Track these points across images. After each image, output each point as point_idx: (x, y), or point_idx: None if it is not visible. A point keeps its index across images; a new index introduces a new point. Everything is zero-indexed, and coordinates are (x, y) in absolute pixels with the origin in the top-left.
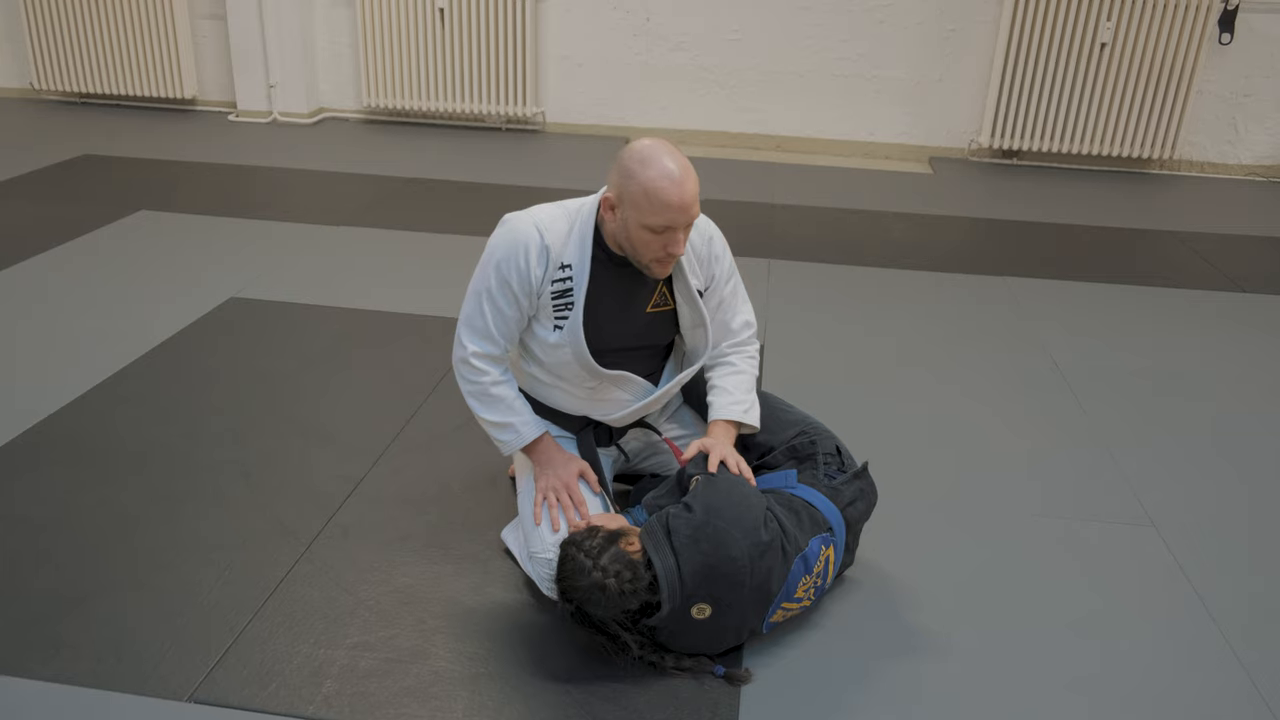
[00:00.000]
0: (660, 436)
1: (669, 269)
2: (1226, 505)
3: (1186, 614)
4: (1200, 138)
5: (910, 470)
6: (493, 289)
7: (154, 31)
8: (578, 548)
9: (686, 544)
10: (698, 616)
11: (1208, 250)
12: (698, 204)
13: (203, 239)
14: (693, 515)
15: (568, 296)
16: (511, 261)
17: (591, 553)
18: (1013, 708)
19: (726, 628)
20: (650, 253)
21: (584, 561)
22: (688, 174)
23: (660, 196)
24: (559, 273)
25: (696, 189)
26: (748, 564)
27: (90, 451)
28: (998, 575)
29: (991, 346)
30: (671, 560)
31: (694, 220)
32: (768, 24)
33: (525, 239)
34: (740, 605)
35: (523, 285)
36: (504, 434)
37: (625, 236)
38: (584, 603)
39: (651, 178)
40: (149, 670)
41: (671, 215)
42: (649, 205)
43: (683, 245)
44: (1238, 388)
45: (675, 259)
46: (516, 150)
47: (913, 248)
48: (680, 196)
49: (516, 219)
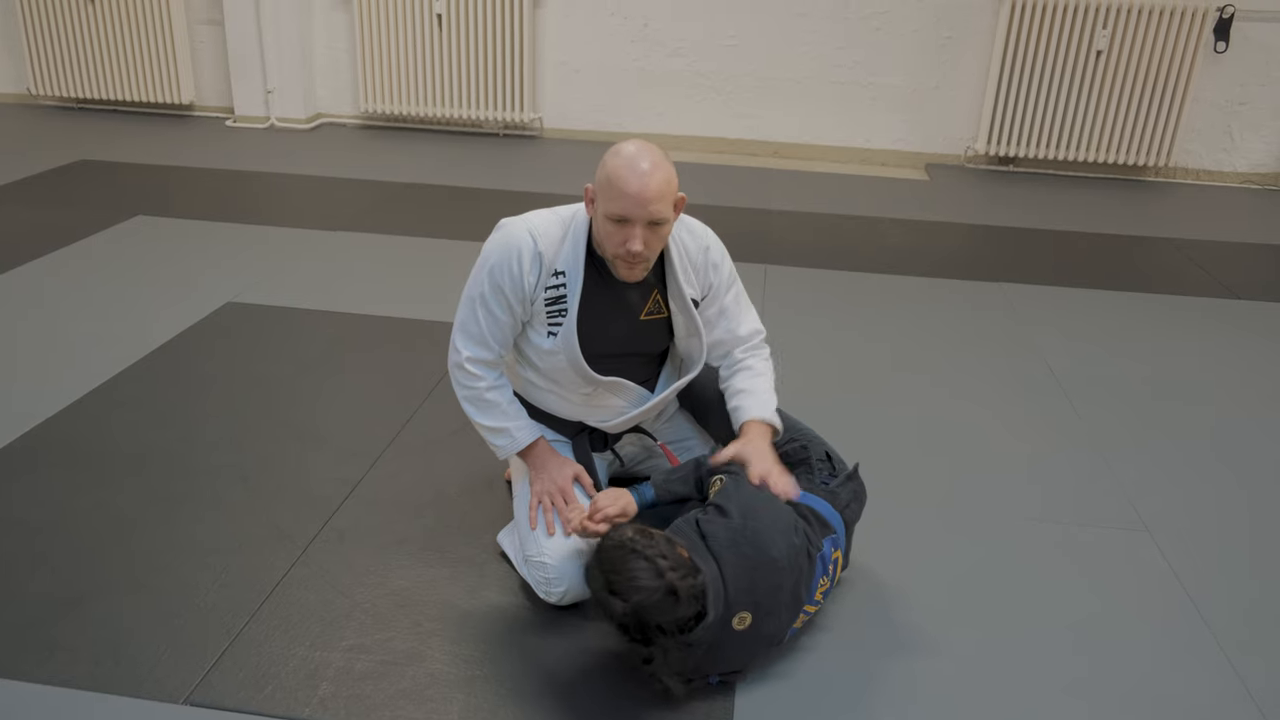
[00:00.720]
0: (656, 442)
1: (636, 271)
2: (1221, 511)
3: (1180, 619)
4: (1196, 145)
5: (906, 474)
6: (486, 295)
7: (151, 37)
8: (638, 546)
9: (727, 548)
10: (738, 627)
11: (1203, 257)
12: (663, 206)
13: (200, 244)
14: (729, 519)
15: (561, 304)
16: (504, 267)
17: (656, 552)
18: (1007, 711)
19: (762, 637)
20: (612, 246)
21: (653, 564)
22: (656, 171)
23: (619, 184)
24: (552, 279)
25: (663, 189)
26: (787, 565)
27: (87, 455)
28: (993, 579)
29: (987, 352)
30: (714, 566)
31: (657, 221)
32: (765, 30)
33: (518, 245)
34: (778, 611)
35: (515, 291)
36: (499, 439)
37: (597, 229)
38: (645, 608)
39: (616, 165)
40: (145, 673)
41: (627, 205)
42: (609, 192)
43: (640, 244)
44: (1232, 394)
45: (639, 261)
46: (514, 156)
47: (909, 254)
48: (639, 188)
49: (511, 224)
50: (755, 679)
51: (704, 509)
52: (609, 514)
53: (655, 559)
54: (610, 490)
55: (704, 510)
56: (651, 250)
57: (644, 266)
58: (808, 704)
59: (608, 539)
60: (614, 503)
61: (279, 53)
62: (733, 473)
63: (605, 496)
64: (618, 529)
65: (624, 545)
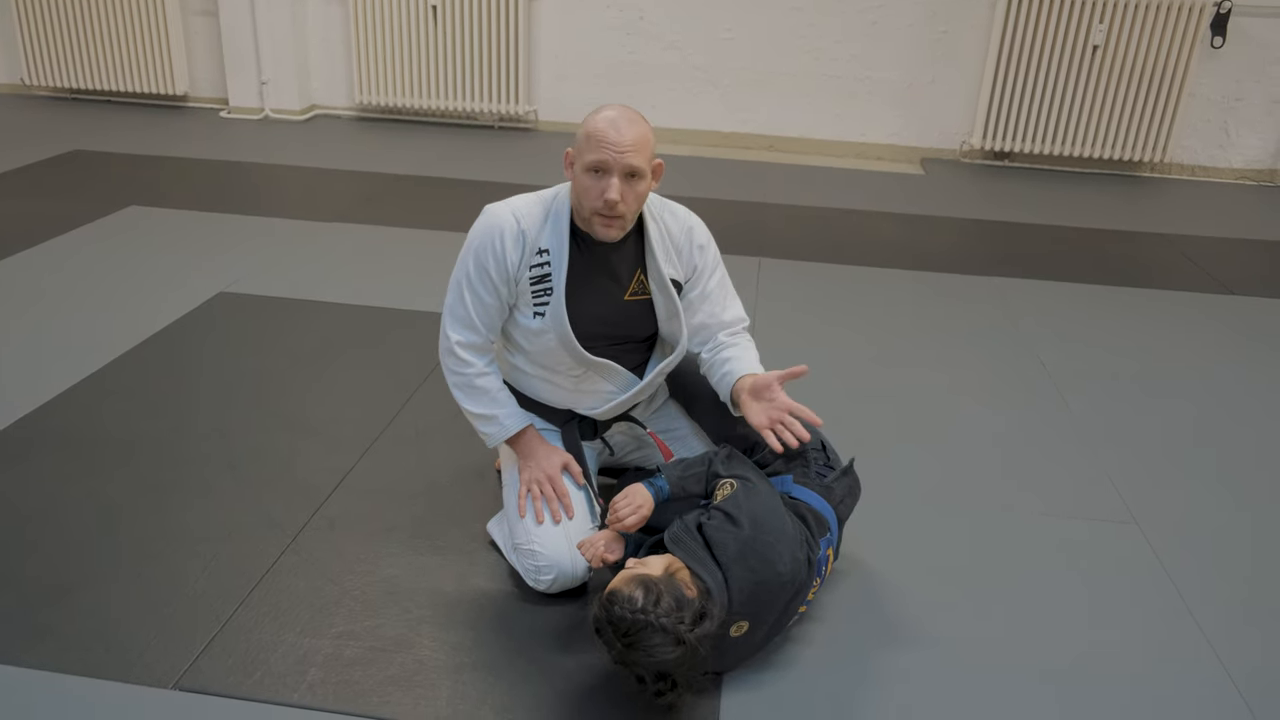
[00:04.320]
0: (645, 430)
1: (613, 229)
2: (1211, 505)
3: (1167, 610)
4: (1191, 141)
5: (895, 467)
6: (472, 277)
7: (146, 27)
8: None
9: (735, 560)
10: (735, 635)
11: (1197, 253)
12: (638, 157)
13: (193, 234)
14: (739, 529)
15: (546, 282)
16: (488, 248)
17: (671, 617)
18: (995, 702)
19: (755, 643)
20: (589, 200)
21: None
22: (633, 125)
23: (596, 135)
24: (536, 258)
25: (639, 141)
26: (790, 580)
27: (78, 444)
28: (982, 571)
29: (981, 346)
30: (720, 576)
31: (634, 173)
32: (760, 24)
33: (501, 225)
34: (772, 619)
35: (500, 272)
36: (488, 426)
37: (576, 190)
38: (671, 666)
39: (594, 119)
40: (134, 658)
41: (605, 152)
42: (587, 144)
43: (616, 194)
44: (1224, 389)
45: (616, 216)
46: (508, 148)
47: (904, 248)
48: (616, 137)
49: (494, 208)
50: (742, 668)
51: (708, 512)
52: (628, 524)
53: (674, 627)
54: (629, 492)
55: (708, 514)
56: (629, 207)
57: (621, 224)
58: (795, 695)
59: (616, 607)
60: (634, 512)
61: (273, 44)
62: (744, 479)
63: (622, 502)
64: (625, 592)
65: (635, 615)
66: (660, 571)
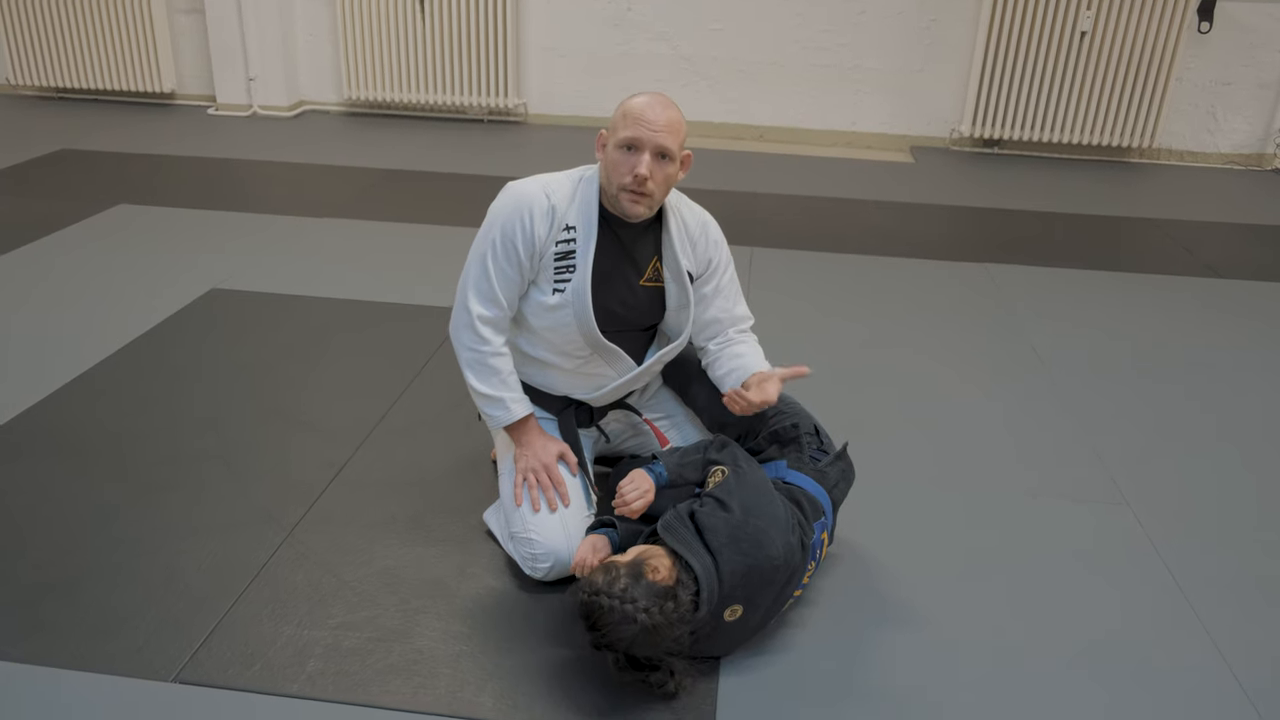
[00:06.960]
0: (641, 418)
1: (640, 206)
2: (1202, 486)
3: (1159, 590)
4: (1179, 126)
5: (889, 452)
6: (498, 250)
7: (131, 25)
8: (606, 595)
9: (726, 544)
10: (729, 619)
11: (1185, 237)
12: (671, 139)
13: (183, 232)
14: (730, 514)
15: (570, 259)
16: (516, 221)
17: (624, 596)
18: (989, 685)
19: (750, 627)
20: (619, 176)
21: (623, 609)
22: (667, 108)
23: (633, 113)
24: (563, 234)
25: (671, 122)
26: (783, 564)
27: (72, 442)
28: (975, 554)
29: (972, 332)
30: (709, 560)
31: (664, 154)
32: (749, 14)
33: (530, 200)
34: (767, 603)
35: (527, 246)
36: (494, 408)
37: (606, 168)
38: (634, 647)
39: (632, 100)
40: (133, 652)
41: (639, 129)
42: (623, 122)
43: (646, 169)
44: (1213, 371)
45: (645, 195)
46: (498, 141)
47: (894, 235)
48: (652, 114)
49: (520, 184)
50: (739, 652)
51: (700, 499)
52: (635, 508)
53: (625, 604)
54: (634, 477)
55: (700, 501)
56: (658, 186)
57: (648, 203)
58: (792, 678)
59: (580, 593)
60: (641, 496)
61: (261, 40)
62: (736, 465)
63: (627, 485)
64: (588, 578)
65: (592, 597)
66: (629, 559)
